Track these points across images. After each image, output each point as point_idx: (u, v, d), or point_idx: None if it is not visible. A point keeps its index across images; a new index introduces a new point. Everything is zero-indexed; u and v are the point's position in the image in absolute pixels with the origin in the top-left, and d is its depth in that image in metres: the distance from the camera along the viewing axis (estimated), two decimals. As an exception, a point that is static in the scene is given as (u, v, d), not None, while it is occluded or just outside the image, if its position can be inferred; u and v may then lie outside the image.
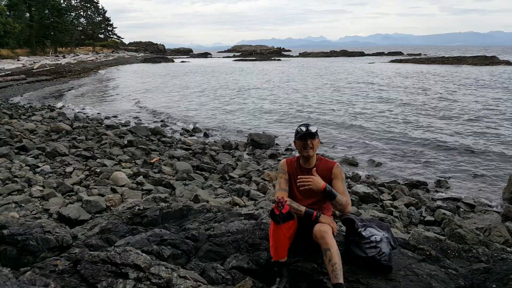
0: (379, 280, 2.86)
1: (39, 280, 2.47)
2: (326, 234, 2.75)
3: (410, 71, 45.69)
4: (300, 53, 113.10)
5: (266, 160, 10.74)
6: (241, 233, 3.49)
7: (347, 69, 53.11)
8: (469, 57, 63.35)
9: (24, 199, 6.03)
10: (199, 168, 9.22)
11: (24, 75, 32.11)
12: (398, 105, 20.46)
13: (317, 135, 3.02)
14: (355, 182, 8.63)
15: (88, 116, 17.54)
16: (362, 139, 13.31)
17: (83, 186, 7.10)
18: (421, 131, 14.38)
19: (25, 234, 3.23)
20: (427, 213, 6.97)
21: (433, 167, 10.15)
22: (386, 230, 3.19)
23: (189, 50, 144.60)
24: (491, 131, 14.03)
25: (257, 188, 7.78)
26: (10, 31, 45.86)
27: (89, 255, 2.67)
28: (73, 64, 49.08)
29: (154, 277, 2.51)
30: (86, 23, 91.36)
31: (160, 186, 7.51)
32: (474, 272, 3.14)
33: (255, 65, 68.09)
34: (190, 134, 14.44)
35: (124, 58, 75.88)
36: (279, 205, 2.72)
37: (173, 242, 3.35)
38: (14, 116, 15.01)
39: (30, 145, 9.64)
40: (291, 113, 18.81)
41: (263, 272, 3.02)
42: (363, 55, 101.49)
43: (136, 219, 4.13)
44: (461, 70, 46.40)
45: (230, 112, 19.65)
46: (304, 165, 3.10)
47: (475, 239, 4.99)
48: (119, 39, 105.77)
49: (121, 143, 11.08)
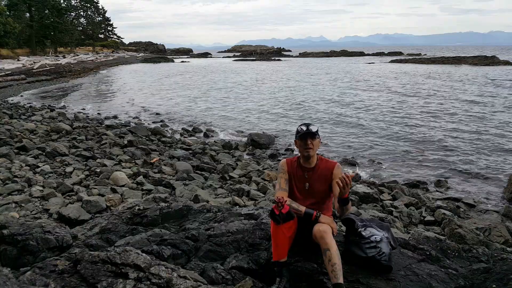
0: (379, 280, 2.85)
1: (39, 280, 2.47)
2: (326, 234, 2.75)
3: (411, 71, 45.69)
4: (300, 53, 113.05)
5: (266, 160, 10.74)
6: (241, 233, 3.48)
7: (347, 69, 53.11)
8: (469, 57, 63.32)
9: (24, 199, 6.03)
10: (199, 168, 9.23)
11: (24, 75, 32.11)
12: (398, 105, 20.46)
13: (317, 134, 3.01)
14: (355, 182, 8.63)
15: (88, 116, 17.55)
16: (362, 139, 13.32)
17: (83, 186, 7.11)
18: (421, 131, 14.38)
19: (25, 234, 3.23)
20: (427, 213, 6.97)
21: (433, 167, 10.16)
22: (386, 230, 3.19)
23: (189, 50, 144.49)
24: (491, 131, 14.03)
25: (257, 188, 7.78)
26: (10, 31, 45.86)
27: (89, 255, 2.67)
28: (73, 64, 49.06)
29: (154, 277, 2.51)
30: (86, 23, 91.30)
31: (160, 186, 7.51)
32: (474, 272, 3.14)
33: (255, 65, 68.09)
34: (190, 134, 14.44)
35: (124, 58, 75.86)
36: (279, 205, 2.72)
37: (173, 242, 3.35)
38: (14, 116, 15.02)
39: (30, 145, 9.65)
40: (291, 113, 18.81)
41: (263, 272, 3.02)
42: (363, 55, 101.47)
43: (136, 219, 4.13)
44: (461, 70, 46.41)
45: (230, 112, 19.65)
46: (304, 164, 3.09)
47: (475, 239, 5.00)
48: (119, 39, 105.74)
49: (121, 143, 11.08)
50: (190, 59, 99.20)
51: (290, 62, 75.66)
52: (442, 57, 67.45)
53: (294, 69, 55.18)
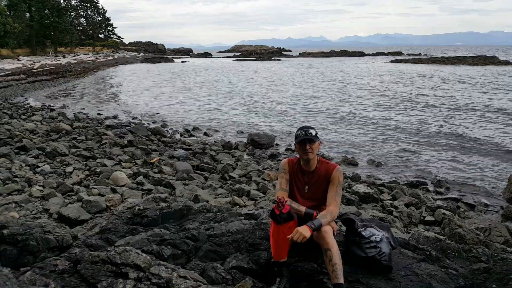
0: (379, 280, 2.86)
1: (39, 280, 2.47)
2: (327, 234, 2.75)
3: (411, 71, 45.68)
4: (300, 53, 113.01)
5: (266, 160, 10.74)
6: (241, 233, 3.49)
7: (347, 69, 53.10)
8: (469, 57, 63.36)
9: (24, 199, 6.03)
10: (199, 168, 9.23)
11: (24, 75, 32.10)
12: (399, 105, 20.45)
13: (317, 138, 2.99)
14: (355, 182, 8.62)
15: (88, 116, 17.54)
16: (362, 139, 13.32)
17: (83, 186, 7.11)
18: (421, 131, 14.38)
19: (25, 234, 3.23)
20: (427, 213, 6.97)
21: (433, 167, 10.15)
22: (386, 230, 3.19)
23: (189, 50, 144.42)
24: (491, 131, 14.03)
25: (257, 188, 7.78)
26: (10, 31, 45.85)
27: (89, 255, 2.67)
28: (73, 64, 49.06)
29: (154, 277, 2.51)
30: (86, 23, 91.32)
31: (160, 186, 7.51)
32: (474, 272, 3.14)
33: (255, 65, 68.09)
34: (190, 134, 14.43)
35: (124, 58, 75.81)
36: (279, 205, 2.72)
37: (173, 242, 3.35)
38: (14, 116, 15.02)
39: (30, 145, 9.65)
40: (291, 113, 18.81)
41: (263, 272, 3.02)
42: (363, 55, 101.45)
43: (136, 219, 4.13)
44: (461, 70, 46.41)
45: (230, 112, 19.65)
46: (305, 167, 3.09)
47: (475, 239, 4.99)
48: (119, 39, 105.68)
49: (121, 143, 11.08)
50: (190, 59, 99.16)
51: (290, 62, 75.65)
52: (442, 57, 67.47)
53: (295, 68, 55.17)
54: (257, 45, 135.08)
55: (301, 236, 2.60)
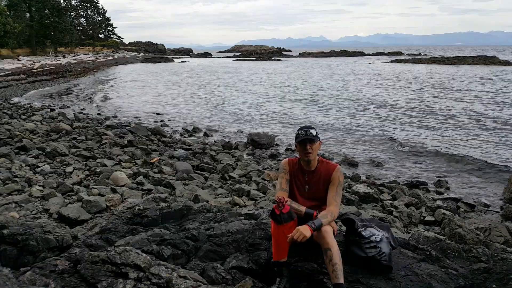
0: (379, 280, 2.86)
1: (39, 280, 2.47)
2: (327, 234, 2.75)
3: (411, 71, 45.67)
4: (300, 53, 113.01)
5: (266, 160, 10.74)
6: (241, 233, 3.49)
7: (347, 69, 53.10)
8: (469, 57, 63.30)
9: (24, 199, 6.03)
10: (199, 168, 9.23)
11: (24, 75, 32.12)
12: (399, 106, 20.44)
13: (317, 138, 2.98)
14: (355, 182, 8.62)
15: (88, 116, 17.54)
16: (362, 139, 13.31)
17: (83, 186, 7.10)
18: (421, 131, 14.38)
19: (25, 234, 3.23)
20: (427, 213, 6.97)
21: (433, 167, 10.15)
22: (386, 230, 3.19)
23: (189, 50, 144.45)
24: (491, 132, 14.02)
25: (257, 188, 7.78)
26: (10, 31, 45.88)
27: (89, 255, 2.67)
28: (73, 64, 49.06)
29: (154, 277, 2.51)
30: (86, 23, 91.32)
31: (160, 186, 7.51)
32: (474, 272, 3.14)
33: (256, 65, 68.08)
34: (190, 134, 14.44)
35: (124, 58, 75.82)
36: (280, 205, 2.72)
37: (173, 242, 3.35)
38: (14, 116, 15.02)
39: (30, 145, 9.64)
40: (291, 113, 18.80)
41: (263, 272, 3.02)
42: (363, 55, 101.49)
43: (136, 219, 4.13)
44: (461, 70, 46.39)
45: (230, 111, 19.65)
46: (305, 167, 3.09)
47: (475, 239, 4.99)
48: (119, 39, 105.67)
49: (121, 143, 11.08)
50: (190, 59, 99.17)
51: (290, 62, 75.64)
52: (442, 57, 67.47)
53: (295, 68, 55.16)
54: (257, 45, 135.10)
55: (302, 235, 2.60)
